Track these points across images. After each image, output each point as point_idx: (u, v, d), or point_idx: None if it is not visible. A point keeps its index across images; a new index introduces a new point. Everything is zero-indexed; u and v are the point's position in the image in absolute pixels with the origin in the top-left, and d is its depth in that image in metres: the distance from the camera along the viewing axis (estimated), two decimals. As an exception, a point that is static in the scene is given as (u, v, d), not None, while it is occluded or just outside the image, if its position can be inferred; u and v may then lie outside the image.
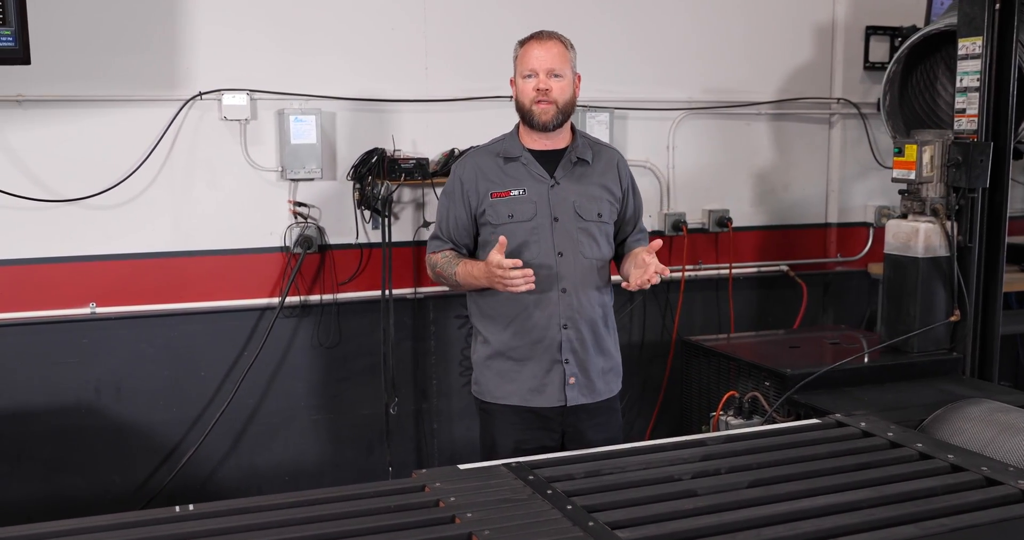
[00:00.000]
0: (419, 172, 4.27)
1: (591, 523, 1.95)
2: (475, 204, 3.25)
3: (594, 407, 3.28)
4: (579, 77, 3.29)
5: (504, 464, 2.34)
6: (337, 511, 2.06)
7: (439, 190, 4.41)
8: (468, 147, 4.39)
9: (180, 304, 4.24)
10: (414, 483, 2.22)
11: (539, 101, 3.14)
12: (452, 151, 4.40)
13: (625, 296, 4.93)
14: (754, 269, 5.20)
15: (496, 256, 2.98)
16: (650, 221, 4.89)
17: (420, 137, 4.44)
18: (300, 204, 4.30)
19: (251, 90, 4.17)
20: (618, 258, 3.38)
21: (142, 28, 4.06)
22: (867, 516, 2.04)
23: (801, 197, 5.27)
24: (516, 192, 3.22)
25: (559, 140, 3.26)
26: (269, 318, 4.31)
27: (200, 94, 4.13)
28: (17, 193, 3.95)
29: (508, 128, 4.51)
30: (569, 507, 2.04)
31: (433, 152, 4.43)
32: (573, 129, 3.33)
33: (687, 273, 5.01)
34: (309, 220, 4.33)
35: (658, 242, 3.09)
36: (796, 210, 5.27)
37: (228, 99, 4.14)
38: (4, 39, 3.35)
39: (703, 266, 5.09)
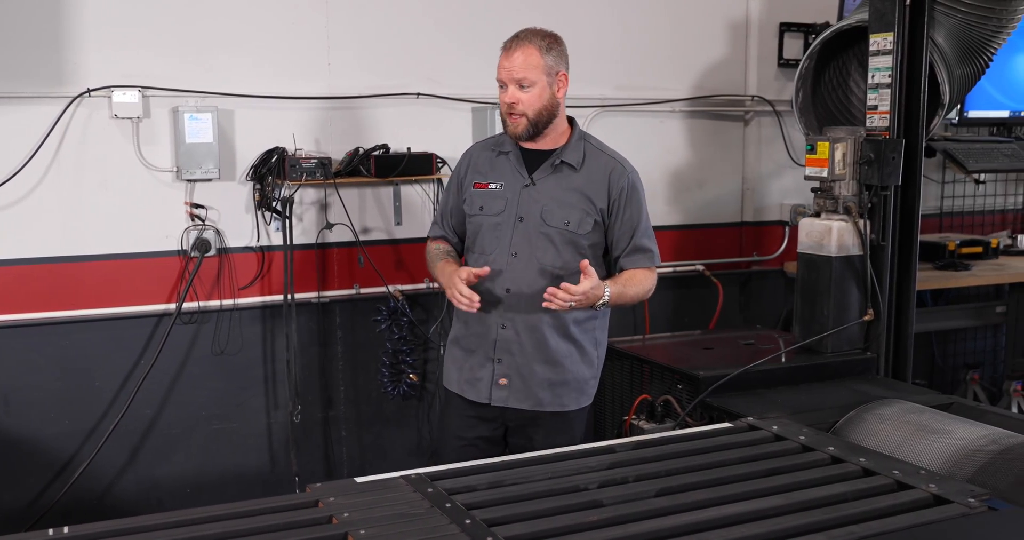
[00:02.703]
0: (321, 172, 4.12)
1: (489, 538, 1.87)
2: (462, 192, 3.33)
3: (540, 416, 3.22)
4: (563, 76, 3.18)
5: (403, 476, 2.26)
6: (223, 531, 1.95)
7: (343, 191, 4.30)
8: (373, 146, 4.30)
9: (72, 311, 4.04)
10: (308, 498, 2.13)
11: (510, 114, 3.15)
12: (357, 150, 4.26)
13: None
14: (669, 269, 5.15)
15: (464, 273, 3.06)
16: (562, 221, 4.82)
17: (323, 136, 4.30)
18: (197, 206, 4.13)
19: (143, 87, 3.99)
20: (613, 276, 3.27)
21: (25, 21, 3.86)
22: (775, 525, 2.02)
23: (716, 196, 5.25)
24: (494, 186, 3.25)
25: (550, 141, 3.21)
26: (166, 325, 4.13)
27: (88, 91, 3.93)
28: None
29: (416, 126, 4.45)
30: (468, 521, 1.97)
31: (337, 151, 4.29)
32: (574, 130, 3.27)
33: (601, 274, 4.94)
34: (207, 222, 4.16)
35: (588, 267, 2.99)
36: (711, 209, 5.24)
37: (119, 96, 3.95)
38: None
39: (618, 266, 5.02)
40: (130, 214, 4.08)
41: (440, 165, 4.48)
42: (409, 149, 4.39)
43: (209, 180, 4.13)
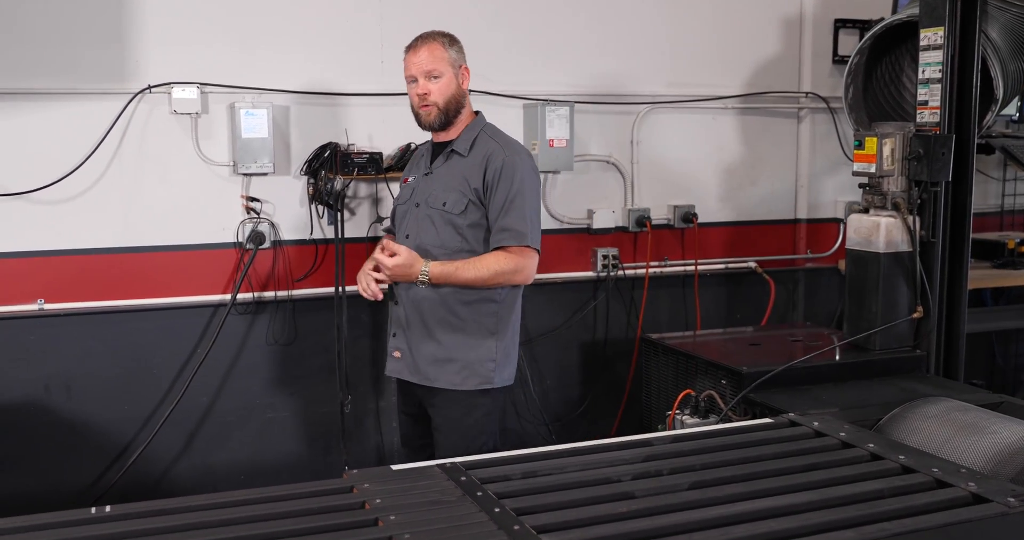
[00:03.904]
0: (372, 167, 4.20)
1: (517, 527, 1.90)
2: None
3: (430, 392, 3.35)
4: (466, 70, 3.37)
5: (438, 464, 2.29)
6: (259, 513, 2.00)
7: (393, 185, 4.37)
8: (424, 142, 4.34)
9: (131, 301, 4.17)
10: (343, 484, 2.18)
11: (422, 105, 3.31)
12: (408, 146, 4.33)
13: (588, 293, 4.89)
14: (721, 266, 5.15)
15: (370, 265, 3.30)
16: (614, 217, 4.85)
17: (376, 131, 4.37)
18: (253, 199, 4.23)
19: (202, 83, 4.10)
20: None
21: (91, 20, 3.99)
22: (805, 520, 2.00)
23: (769, 192, 5.21)
24: (410, 179, 3.50)
25: (452, 133, 3.38)
26: (222, 315, 4.24)
27: (149, 87, 4.05)
28: (-38, 187, 3.88)
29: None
30: (497, 510, 1.99)
31: (389, 146, 4.36)
32: (472, 121, 3.40)
33: (651, 270, 4.95)
34: (262, 215, 4.26)
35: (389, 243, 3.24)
36: (764, 206, 5.21)
37: (178, 92, 4.06)
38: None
39: (668, 262, 5.03)
40: (188, 207, 4.19)
41: (491, 160, 4.52)
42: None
43: (264, 174, 4.22)
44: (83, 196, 4.05)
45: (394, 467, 2.29)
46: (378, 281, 3.26)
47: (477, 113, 3.45)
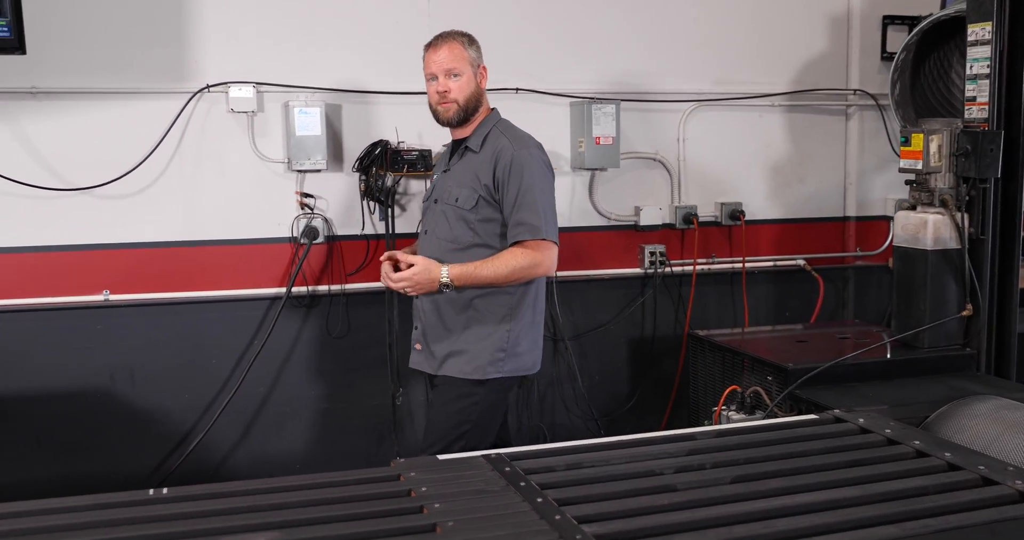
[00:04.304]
0: (421, 164, 4.30)
1: (558, 517, 1.93)
2: None
3: (437, 379, 3.44)
4: (484, 69, 3.46)
5: (484, 455, 2.33)
6: (307, 498, 2.06)
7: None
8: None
9: (190, 293, 4.30)
10: (390, 472, 2.22)
11: (442, 102, 3.39)
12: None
13: (636, 289, 4.92)
14: (770, 263, 5.15)
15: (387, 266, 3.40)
16: (661, 214, 4.87)
17: (426, 129, 4.43)
18: (307, 195, 4.33)
19: (257, 83, 4.21)
20: None
21: (152, 22, 4.12)
22: (847, 515, 1.98)
23: (817, 190, 5.20)
24: (435, 176, 3.61)
25: (467, 130, 3.46)
26: (277, 308, 4.34)
27: (208, 87, 4.17)
28: (32, 182, 4.03)
29: (514, 120, 4.54)
30: (540, 500, 2.01)
31: (438, 144, 4.42)
32: (485, 118, 3.46)
33: (699, 267, 4.98)
34: (315, 211, 4.35)
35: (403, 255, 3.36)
36: (812, 203, 5.21)
37: (235, 91, 4.18)
38: (0, 30, 3.40)
39: (716, 260, 5.05)
40: (244, 202, 4.30)
41: (537, 157, 4.57)
42: (507, 142, 4.49)
43: (318, 171, 4.32)
44: (145, 191, 4.18)
45: (440, 457, 2.34)
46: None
47: (493, 109, 3.51)
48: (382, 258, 3.41)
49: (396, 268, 3.35)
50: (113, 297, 4.19)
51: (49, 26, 3.95)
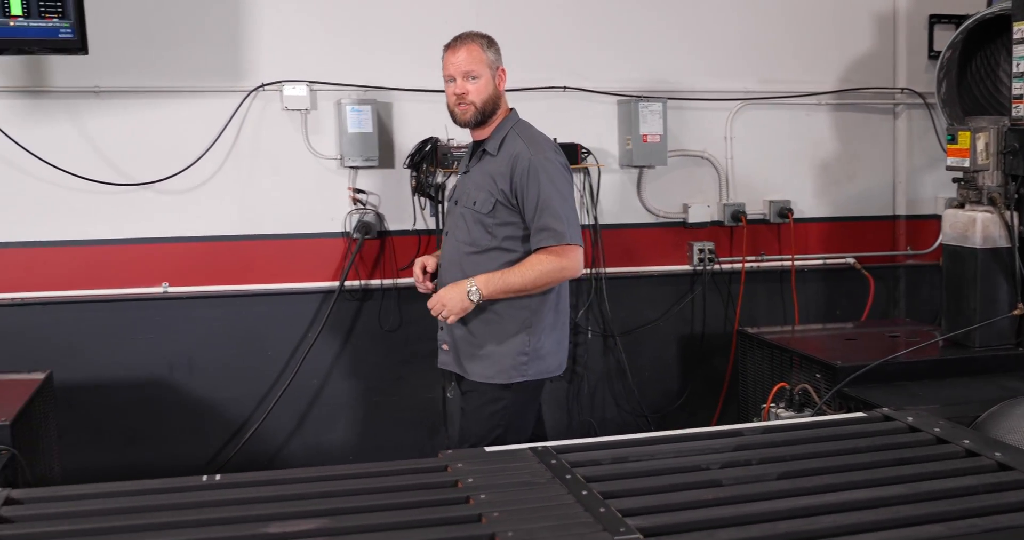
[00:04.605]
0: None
1: (602, 509, 1.93)
2: None
3: (466, 383, 3.42)
4: (502, 71, 3.41)
5: (531, 448, 2.34)
6: (355, 487, 2.09)
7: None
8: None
9: (247, 286, 4.40)
10: (438, 463, 2.26)
11: (459, 104, 3.35)
12: (504, 140, 4.44)
13: (685, 286, 4.93)
14: (819, 261, 5.13)
15: (427, 261, 3.50)
16: (709, 211, 4.88)
17: (475, 127, 4.49)
18: (359, 191, 4.40)
19: (311, 81, 4.29)
20: None
21: (209, 23, 4.23)
22: (893, 513, 1.96)
23: (866, 188, 5.18)
24: (458, 178, 3.57)
25: (485, 132, 3.42)
26: (331, 301, 4.42)
27: (263, 85, 4.27)
28: (95, 178, 4.16)
29: (562, 118, 4.59)
30: (585, 493, 2.02)
31: (487, 142, 4.48)
32: (503, 120, 3.41)
33: (748, 264, 4.97)
34: (368, 206, 4.42)
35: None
36: (862, 201, 5.18)
37: (289, 90, 4.27)
38: (64, 31, 3.55)
39: (765, 257, 5.04)
40: (299, 198, 4.39)
41: (585, 155, 4.62)
42: (555, 139, 4.50)
43: (370, 167, 4.40)
44: (203, 187, 4.29)
45: (488, 449, 2.38)
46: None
47: (512, 110, 3.47)
48: (415, 266, 3.48)
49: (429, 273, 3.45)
50: (172, 289, 4.30)
51: (111, 28, 4.07)
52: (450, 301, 3.22)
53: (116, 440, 4.33)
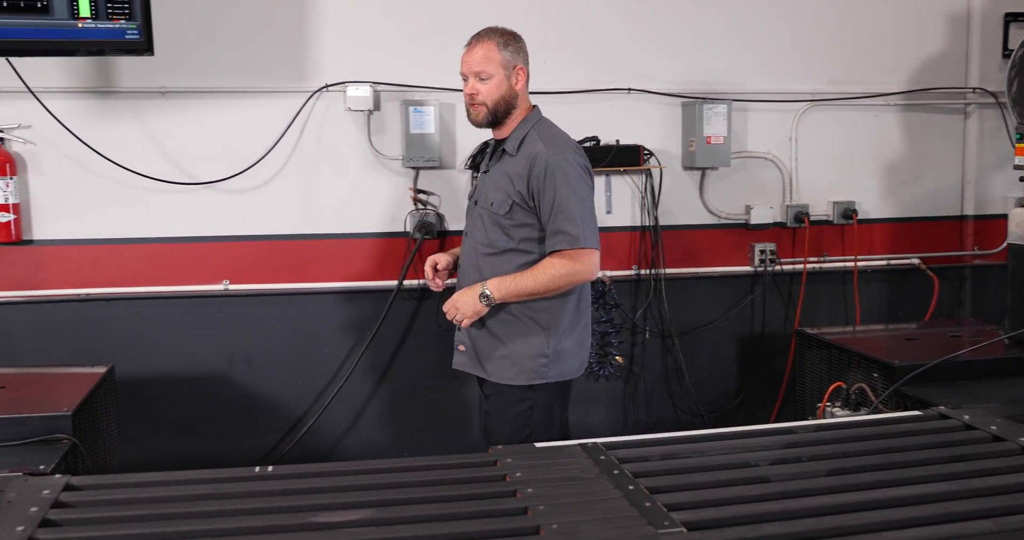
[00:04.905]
0: (532, 161, 4.35)
1: (648, 503, 1.94)
2: None
3: (488, 385, 3.37)
4: (521, 70, 3.32)
5: (580, 444, 2.35)
6: (403, 480, 2.12)
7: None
8: (583, 138, 4.46)
9: (306, 284, 4.47)
10: (487, 458, 2.27)
11: (470, 104, 3.31)
12: (567, 141, 4.45)
13: (745, 287, 4.90)
14: (883, 262, 5.06)
15: (438, 258, 3.49)
16: (772, 212, 4.85)
17: (536, 127, 4.50)
18: (421, 191, 4.44)
19: (374, 82, 4.34)
20: None
21: (274, 24, 4.30)
22: (941, 508, 1.94)
23: (933, 189, 5.10)
24: (479, 176, 3.52)
25: (504, 131, 3.35)
26: (389, 300, 4.47)
27: (326, 86, 4.33)
28: (159, 177, 4.25)
29: (626, 120, 4.57)
30: (631, 487, 2.03)
31: (550, 142, 4.49)
32: (524, 119, 3.34)
33: (810, 265, 4.92)
34: (429, 207, 4.46)
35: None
36: (928, 202, 5.11)
37: (352, 91, 4.31)
38: (130, 32, 3.63)
39: (827, 258, 4.99)
40: (360, 198, 4.45)
41: (647, 157, 4.60)
42: (618, 141, 4.54)
43: (432, 168, 4.44)
44: (266, 186, 4.37)
45: (538, 444, 2.37)
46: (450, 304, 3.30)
47: (534, 108, 3.39)
48: (427, 263, 3.47)
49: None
50: (232, 287, 4.39)
51: (177, 29, 4.16)
52: (463, 305, 3.21)
53: (175, 433, 4.43)
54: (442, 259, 3.47)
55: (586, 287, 3.39)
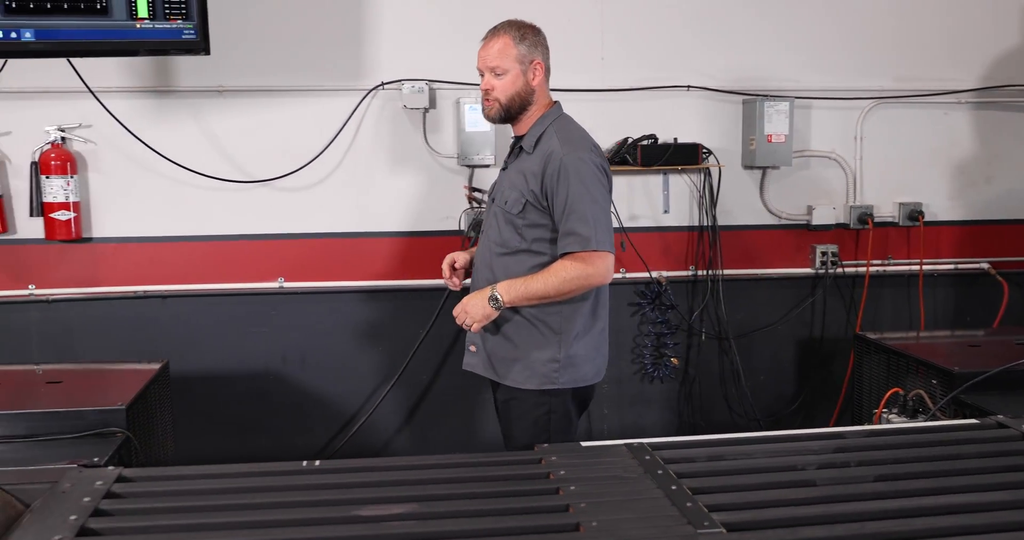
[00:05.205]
0: (588, 159, 4.31)
1: (689, 504, 1.93)
2: None
3: (503, 390, 3.26)
4: (538, 64, 3.22)
5: (626, 444, 2.34)
6: (448, 475, 2.13)
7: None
8: (640, 136, 4.43)
9: (360, 282, 4.49)
10: (532, 456, 2.27)
11: (484, 100, 3.24)
12: (625, 140, 4.42)
13: (806, 289, 4.82)
14: (951, 266, 4.93)
15: (456, 257, 3.41)
16: (835, 213, 4.75)
17: (594, 126, 4.37)
18: (475, 189, 4.44)
19: (430, 80, 4.34)
20: None
21: (330, 23, 4.33)
22: (991, 518, 1.90)
23: (1006, 190, 4.95)
24: (500, 173, 3.41)
25: (522, 128, 3.27)
26: (442, 298, 4.47)
27: (382, 84, 4.35)
28: (216, 175, 4.31)
29: (685, 118, 4.50)
30: (674, 488, 2.02)
31: (607, 141, 4.47)
32: (542, 116, 3.24)
33: (873, 268, 4.82)
34: (483, 205, 4.45)
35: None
36: (1000, 204, 4.96)
37: (408, 89, 4.33)
38: (187, 32, 3.67)
39: (892, 261, 4.87)
40: (415, 196, 4.46)
41: (706, 155, 4.55)
42: (676, 139, 4.48)
43: (486, 166, 4.44)
44: (321, 184, 4.40)
45: (584, 443, 2.37)
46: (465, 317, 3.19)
47: (555, 104, 3.29)
48: (444, 262, 3.40)
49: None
50: (287, 284, 4.43)
51: (234, 28, 4.21)
52: (472, 308, 3.12)
53: (229, 429, 4.49)
54: (460, 258, 3.39)
55: (604, 291, 3.27)
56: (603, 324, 3.29)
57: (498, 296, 3.07)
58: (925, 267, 4.87)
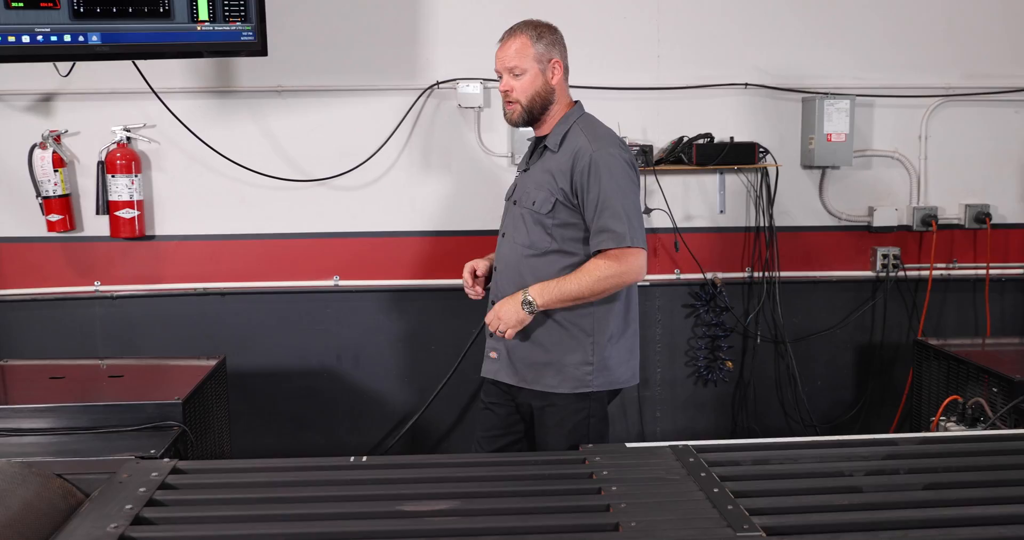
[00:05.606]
0: (642, 159, 4.30)
1: (730, 506, 1.93)
2: None
3: (533, 394, 3.16)
4: (557, 63, 3.14)
5: (671, 446, 2.34)
6: (492, 474, 2.17)
7: (662, 178, 4.43)
8: (696, 135, 4.38)
9: (414, 280, 4.52)
10: (576, 456, 2.29)
11: (505, 102, 3.17)
12: (680, 139, 4.38)
13: (866, 293, 4.73)
14: (1020, 270, 4.80)
15: (477, 265, 3.35)
16: (897, 215, 4.65)
17: (650, 124, 4.45)
18: (528, 189, 4.43)
19: (485, 79, 4.34)
20: None
21: (386, 23, 4.36)
22: None
23: (1079, 193, 4.80)
24: (517, 175, 3.35)
25: (545, 128, 3.20)
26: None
27: (437, 83, 4.36)
28: (274, 174, 4.36)
29: (741, 116, 4.44)
30: (716, 490, 2.02)
31: (662, 140, 4.44)
32: (565, 114, 3.18)
33: (937, 272, 4.71)
34: (535, 204, 4.45)
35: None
36: (1072, 206, 4.80)
37: (463, 87, 4.34)
38: (245, 34, 3.72)
39: (957, 265, 4.76)
40: (469, 195, 4.48)
41: (763, 154, 4.49)
42: (732, 138, 4.43)
43: (539, 165, 4.41)
44: (376, 183, 4.43)
45: (628, 445, 2.37)
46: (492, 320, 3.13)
47: (576, 103, 3.23)
48: (465, 269, 3.35)
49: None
50: (342, 283, 4.47)
51: (292, 30, 4.26)
52: (506, 314, 3.04)
53: (284, 425, 4.54)
54: (480, 265, 3.34)
55: (634, 293, 3.21)
56: (635, 326, 3.23)
57: (531, 299, 3.00)
58: (992, 271, 4.75)
